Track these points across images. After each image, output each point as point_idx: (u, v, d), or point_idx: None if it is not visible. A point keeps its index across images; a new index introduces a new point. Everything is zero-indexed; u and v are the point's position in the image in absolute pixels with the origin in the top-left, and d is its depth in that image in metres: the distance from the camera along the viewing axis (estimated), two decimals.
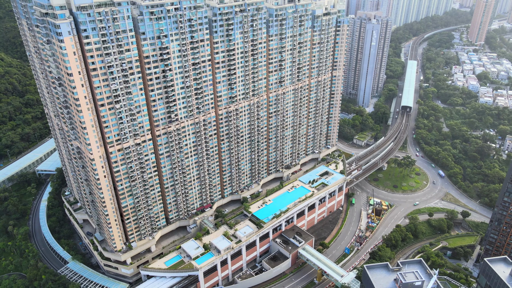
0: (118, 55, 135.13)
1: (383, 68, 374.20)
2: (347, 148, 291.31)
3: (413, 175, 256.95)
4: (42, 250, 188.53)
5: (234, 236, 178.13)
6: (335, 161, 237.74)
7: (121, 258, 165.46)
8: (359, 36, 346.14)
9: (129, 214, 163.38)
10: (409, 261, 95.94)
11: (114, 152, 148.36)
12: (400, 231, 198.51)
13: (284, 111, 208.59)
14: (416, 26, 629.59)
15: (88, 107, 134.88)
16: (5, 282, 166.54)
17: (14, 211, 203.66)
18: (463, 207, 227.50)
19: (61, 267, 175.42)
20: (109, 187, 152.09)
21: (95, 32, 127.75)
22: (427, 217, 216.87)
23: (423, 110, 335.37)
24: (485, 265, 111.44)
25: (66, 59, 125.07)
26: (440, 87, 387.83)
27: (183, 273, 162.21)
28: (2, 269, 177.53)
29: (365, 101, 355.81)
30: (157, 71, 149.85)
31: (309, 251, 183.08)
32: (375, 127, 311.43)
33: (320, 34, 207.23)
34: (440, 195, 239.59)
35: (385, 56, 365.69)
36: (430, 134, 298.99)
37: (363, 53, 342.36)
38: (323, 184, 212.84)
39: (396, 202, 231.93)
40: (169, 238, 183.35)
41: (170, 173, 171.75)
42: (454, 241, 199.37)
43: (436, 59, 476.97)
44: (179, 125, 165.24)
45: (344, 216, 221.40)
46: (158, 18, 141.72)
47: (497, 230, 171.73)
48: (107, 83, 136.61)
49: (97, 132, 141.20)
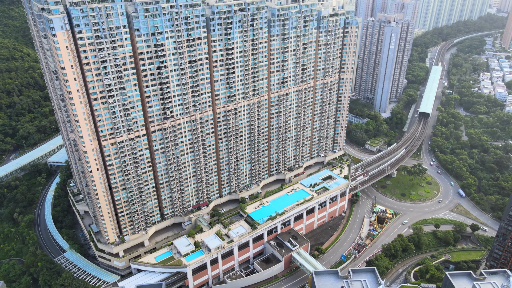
0: (111, 50, 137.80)
1: (403, 73, 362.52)
2: (357, 153, 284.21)
3: (424, 184, 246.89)
4: (44, 238, 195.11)
5: (227, 235, 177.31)
6: (341, 166, 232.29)
7: (113, 251, 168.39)
8: (378, 39, 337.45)
9: (122, 208, 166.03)
10: (361, 269, 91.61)
11: (107, 145, 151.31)
12: (401, 241, 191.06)
13: (286, 112, 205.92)
14: (446, 30, 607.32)
15: (80, 100, 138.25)
16: (5, 267, 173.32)
17: (22, 199, 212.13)
18: (474, 220, 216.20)
19: (59, 255, 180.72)
20: (102, 180, 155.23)
21: (88, 27, 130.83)
22: (433, 228, 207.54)
23: (443, 117, 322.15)
24: (446, 280, 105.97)
25: (59, 53, 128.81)
26: (463, 94, 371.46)
27: (171, 269, 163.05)
28: (4, 254, 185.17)
29: (382, 106, 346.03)
30: (152, 67, 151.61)
31: (303, 255, 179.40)
32: (390, 133, 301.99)
33: (326, 35, 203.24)
34: (450, 206, 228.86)
35: (405, 61, 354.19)
36: (446, 142, 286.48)
37: (381, 56, 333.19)
38: (324, 188, 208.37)
39: (402, 211, 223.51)
40: (164, 234, 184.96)
41: (165, 169, 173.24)
42: (458, 255, 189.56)
43: (463, 65, 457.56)
44: (174, 122, 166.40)
45: (346, 222, 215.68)
46: (153, 15, 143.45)
47: (502, 245, 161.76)
48: (100, 77, 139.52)
49: (90, 125, 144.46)
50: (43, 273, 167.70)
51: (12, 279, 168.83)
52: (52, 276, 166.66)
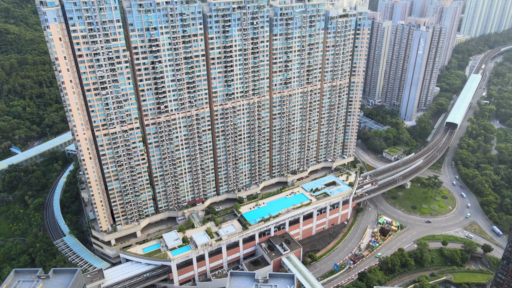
0: (104, 43, 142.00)
1: (434, 80, 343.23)
2: (373, 161, 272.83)
3: (439, 198, 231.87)
4: (49, 222, 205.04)
5: (217, 233, 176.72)
6: (348, 172, 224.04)
7: (104, 238, 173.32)
8: (406, 44, 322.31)
9: (115, 198, 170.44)
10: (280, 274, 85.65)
11: (100, 136, 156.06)
12: (400, 256, 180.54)
13: (290, 113, 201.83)
14: (494, 38, 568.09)
15: (73, 90, 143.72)
16: (8, 245, 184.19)
17: (36, 183, 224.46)
18: (488, 240, 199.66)
19: (59, 239, 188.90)
20: (95, 169, 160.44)
21: (81, 20, 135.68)
22: (440, 245, 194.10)
23: (472, 128, 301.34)
24: None
25: (52, 44, 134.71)
26: (501, 106, 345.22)
27: (156, 261, 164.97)
28: (11, 233, 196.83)
29: (408, 113, 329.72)
30: (146, 62, 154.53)
31: (293, 261, 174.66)
32: (411, 142, 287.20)
33: (335, 37, 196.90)
34: (464, 223, 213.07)
35: (436, 67, 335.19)
36: (472, 155, 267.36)
37: (408, 62, 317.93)
38: (325, 194, 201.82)
39: (410, 224, 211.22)
40: (157, 227, 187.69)
41: (159, 163, 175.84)
42: (462, 276, 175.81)
43: (507, 74, 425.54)
44: (169, 116, 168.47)
45: (347, 231, 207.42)
46: (147, 10, 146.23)
47: (505, 270, 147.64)
48: (93, 69, 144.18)
49: (84, 115, 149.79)
50: (40, 254, 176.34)
51: (12, 257, 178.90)
52: (48, 257, 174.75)
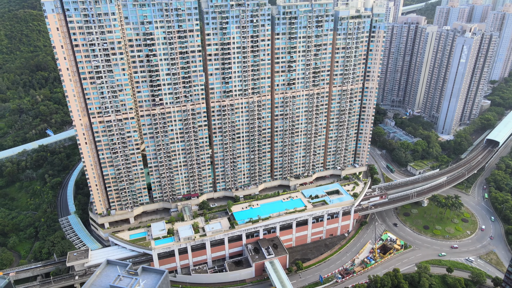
0: (99, 35, 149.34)
1: (481, 92, 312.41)
2: (395, 174, 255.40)
3: (458, 220, 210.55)
4: (61, 200, 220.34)
5: (203, 229, 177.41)
6: (356, 182, 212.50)
7: (98, 221, 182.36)
8: (450, 51, 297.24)
9: (110, 183, 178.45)
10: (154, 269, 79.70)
11: (95, 123, 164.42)
12: (393, 276, 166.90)
13: (294, 115, 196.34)
14: None
15: (70, 78, 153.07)
16: (21, 217, 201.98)
17: (58, 164, 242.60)
18: (504, 273, 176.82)
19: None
20: (90, 154, 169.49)
21: (77, 12, 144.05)
22: (445, 272, 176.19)
23: None
24: None
25: (50, 33, 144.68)
26: None
27: (139, 248, 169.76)
28: (27, 207, 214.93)
29: (446, 127, 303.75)
30: (141, 54, 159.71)
31: (275, 266, 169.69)
32: (441, 157, 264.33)
33: (346, 38, 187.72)
34: (480, 251, 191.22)
35: (484, 78, 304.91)
36: (509, 178, 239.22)
37: (450, 71, 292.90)
38: (323, 202, 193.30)
39: (418, 245, 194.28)
40: (151, 216, 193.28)
41: (153, 154, 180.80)
42: None
43: None
44: (164, 109, 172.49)
45: (345, 243, 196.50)
46: (141, 4, 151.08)
47: None
48: (89, 59, 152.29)
49: (80, 102, 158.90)
50: (43, 228, 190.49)
51: (20, 228, 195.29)
52: (49, 232, 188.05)
